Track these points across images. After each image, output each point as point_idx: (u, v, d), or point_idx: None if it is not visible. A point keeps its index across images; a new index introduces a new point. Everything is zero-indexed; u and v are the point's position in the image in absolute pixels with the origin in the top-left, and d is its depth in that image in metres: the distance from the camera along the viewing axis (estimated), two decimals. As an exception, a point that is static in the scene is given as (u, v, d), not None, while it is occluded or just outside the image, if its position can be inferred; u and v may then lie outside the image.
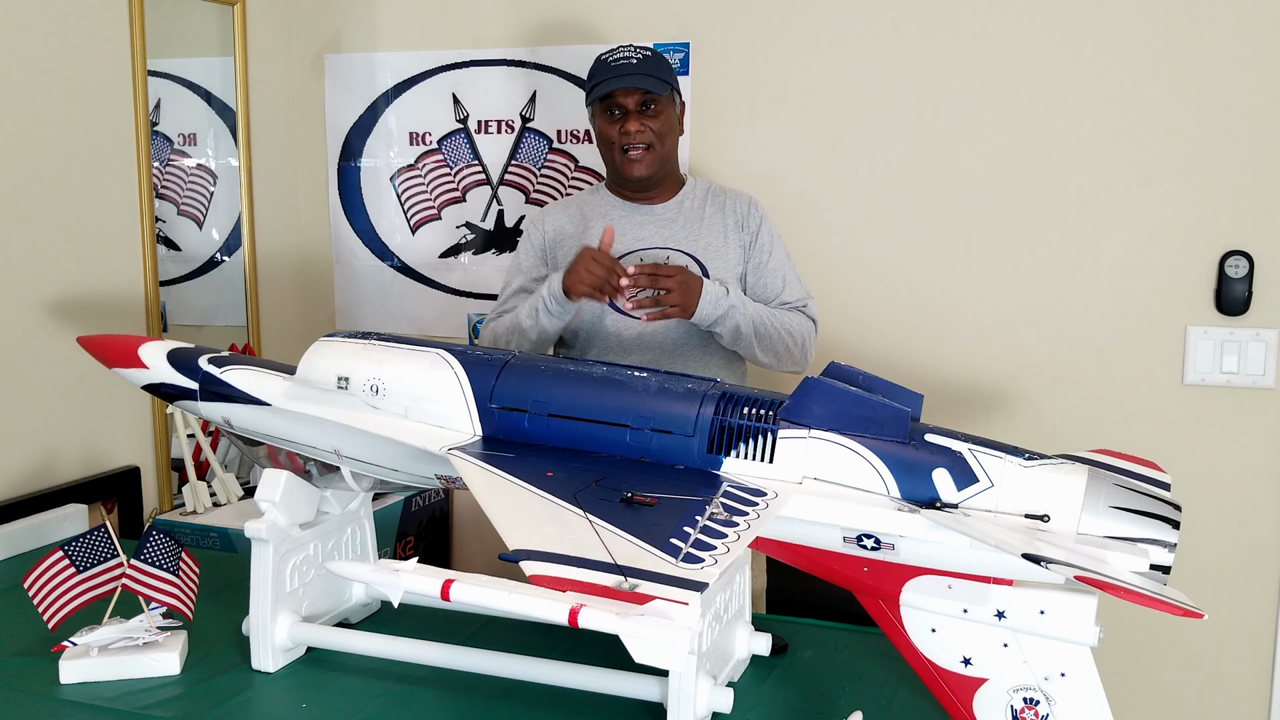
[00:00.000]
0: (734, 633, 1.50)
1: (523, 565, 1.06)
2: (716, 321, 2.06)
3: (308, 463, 1.58)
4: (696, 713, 1.32)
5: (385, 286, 3.14)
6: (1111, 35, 2.47)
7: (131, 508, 2.50)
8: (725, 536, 1.14)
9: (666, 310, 2.02)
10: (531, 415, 1.39)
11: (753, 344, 2.11)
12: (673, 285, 2.00)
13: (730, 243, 2.22)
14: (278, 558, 1.54)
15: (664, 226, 2.22)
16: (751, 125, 2.75)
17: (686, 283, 2.02)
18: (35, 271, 2.31)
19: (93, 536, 1.58)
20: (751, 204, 2.27)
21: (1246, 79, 2.39)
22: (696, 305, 2.02)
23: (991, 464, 1.25)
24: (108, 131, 2.47)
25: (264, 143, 2.97)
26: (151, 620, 1.56)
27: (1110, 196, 2.51)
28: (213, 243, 2.86)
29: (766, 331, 2.11)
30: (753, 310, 2.10)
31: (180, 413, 2.33)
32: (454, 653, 1.51)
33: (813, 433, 1.30)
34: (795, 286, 2.25)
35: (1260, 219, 2.42)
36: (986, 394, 2.64)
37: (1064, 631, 1.22)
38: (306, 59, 3.11)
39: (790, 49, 2.70)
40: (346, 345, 1.51)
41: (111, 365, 1.67)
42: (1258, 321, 2.44)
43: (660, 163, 2.19)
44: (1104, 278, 2.53)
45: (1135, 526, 1.20)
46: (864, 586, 1.30)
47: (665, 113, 2.17)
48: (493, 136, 2.98)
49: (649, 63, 2.14)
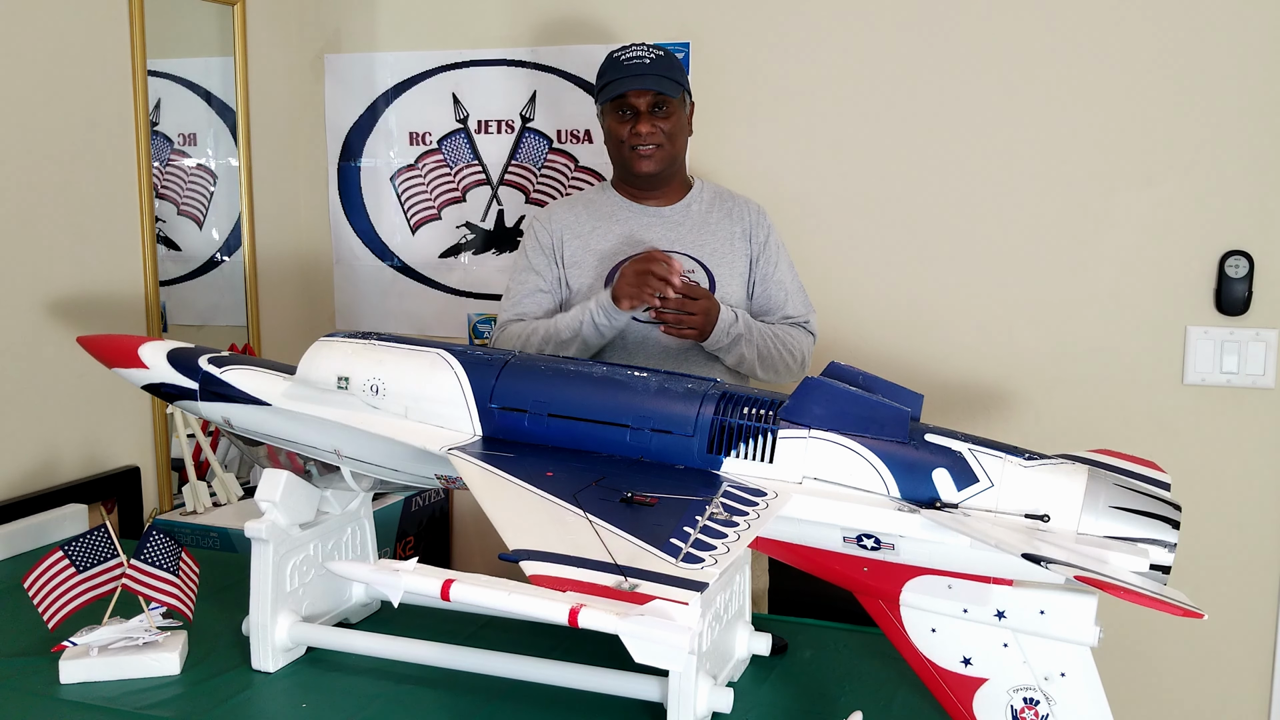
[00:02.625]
0: (734, 633, 1.50)
1: (523, 565, 1.06)
2: (723, 349, 2.10)
3: (308, 463, 1.58)
4: (696, 713, 1.32)
5: (385, 286, 3.14)
6: (1112, 35, 2.47)
7: (131, 508, 2.50)
8: (725, 536, 1.14)
9: (684, 332, 2.04)
10: (531, 415, 1.39)
11: (755, 365, 2.14)
12: (698, 309, 2.03)
13: (737, 250, 2.22)
14: (278, 558, 1.54)
15: (671, 229, 2.22)
16: (751, 125, 2.75)
17: (710, 310, 2.05)
18: (35, 271, 2.31)
19: (93, 536, 1.58)
20: (759, 213, 2.27)
21: (1247, 79, 2.39)
22: (712, 332, 2.06)
23: (991, 464, 1.25)
24: (108, 131, 2.47)
25: (264, 143, 2.97)
26: (151, 620, 1.56)
27: (1110, 196, 2.51)
28: (213, 243, 2.86)
29: (769, 353, 2.14)
30: (758, 335, 2.13)
31: (180, 413, 2.32)
32: (454, 653, 1.51)
33: (813, 433, 1.30)
34: (798, 301, 2.26)
35: (1260, 219, 2.42)
36: (986, 394, 2.63)
37: (1064, 631, 1.22)
38: (306, 59, 3.11)
39: (790, 49, 2.70)
40: (346, 345, 1.51)
41: (111, 365, 1.67)
42: (1258, 321, 2.44)
43: (669, 162, 2.19)
44: (1104, 278, 2.53)
45: (1135, 526, 1.20)
46: (864, 586, 1.30)
47: (677, 114, 2.17)
48: (493, 136, 2.98)
49: (662, 63, 2.14)
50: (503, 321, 2.23)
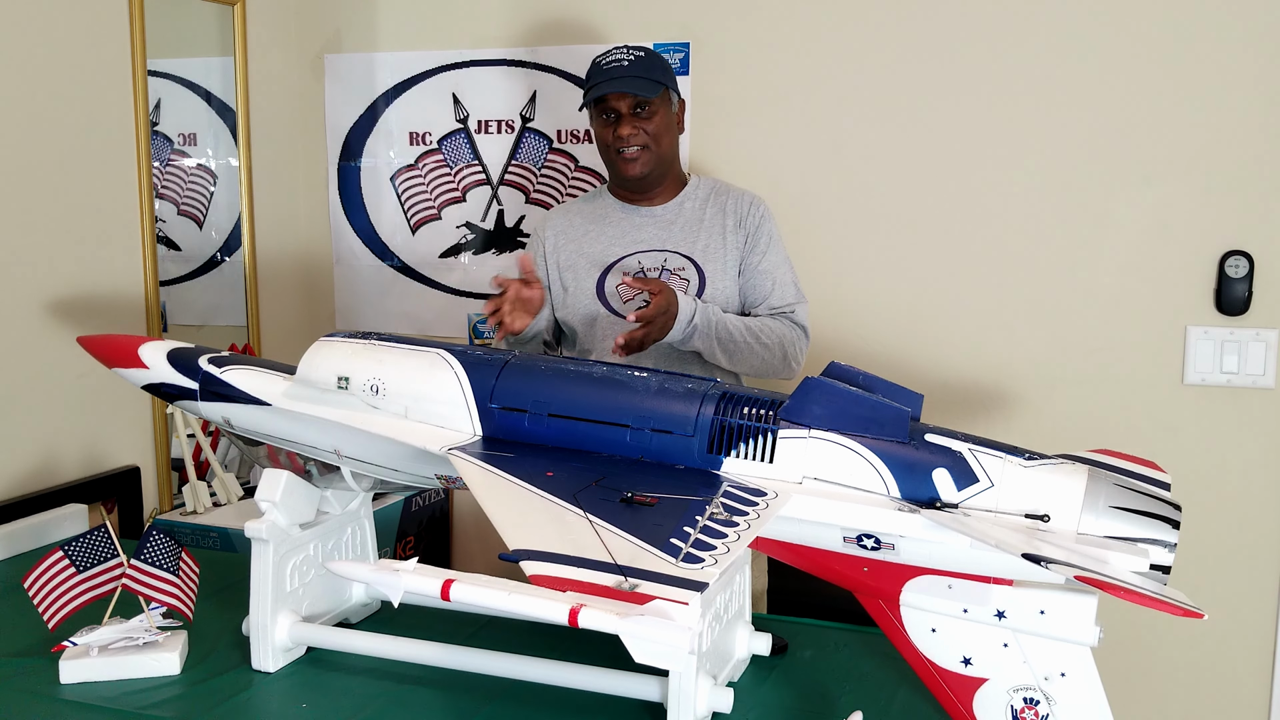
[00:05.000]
0: (734, 633, 1.50)
1: (523, 565, 1.06)
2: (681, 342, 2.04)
3: (308, 463, 1.58)
4: (696, 713, 1.32)
5: (385, 286, 3.14)
6: (1112, 35, 2.47)
7: (131, 508, 2.50)
8: (725, 536, 1.14)
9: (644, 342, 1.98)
10: (531, 415, 1.39)
11: (717, 357, 2.08)
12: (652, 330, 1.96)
13: (728, 244, 2.21)
14: (278, 558, 1.54)
15: (662, 229, 2.22)
16: (751, 125, 2.75)
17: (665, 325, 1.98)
18: (35, 271, 2.31)
19: (93, 536, 1.58)
20: (754, 203, 2.25)
21: (1246, 79, 2.39)
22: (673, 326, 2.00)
23: (991, 464, 1.25)
24: (108, 131, 2.47)
25: (264, 143, 2.97)
26: (151, 620, 1.56)
27: (1110, 196, 2.51)
28: (213, 243, 2.86)
29: (732, 344, 2.07)
30: (718, 327, 2.06)
31: (180, 413, 2.33)
32: (454, 653, 1.51)
33: (813, 433, 1.30)
34: (785, 290, 2.21)
35: (1260, 219, 2.42)
36: (986, 394, 2.63)
37: (1064, 631, 1.22)
38: (306, 59, 3.11)
39: (790, 49, 2.70)
40: (346, 345, 1.51)
41: (111, 365, 1.67)
42: (1258, 321, 2.44)
43: (657, 162, 2.18)
44: (1104, 277, 2.53)
45: (1135, 526, 1.20)
46: (864, 586, 1.30)
47: (660, 114, 2.16)
48: (493, 136, 2.98)
49: (640, 64, 2.13)
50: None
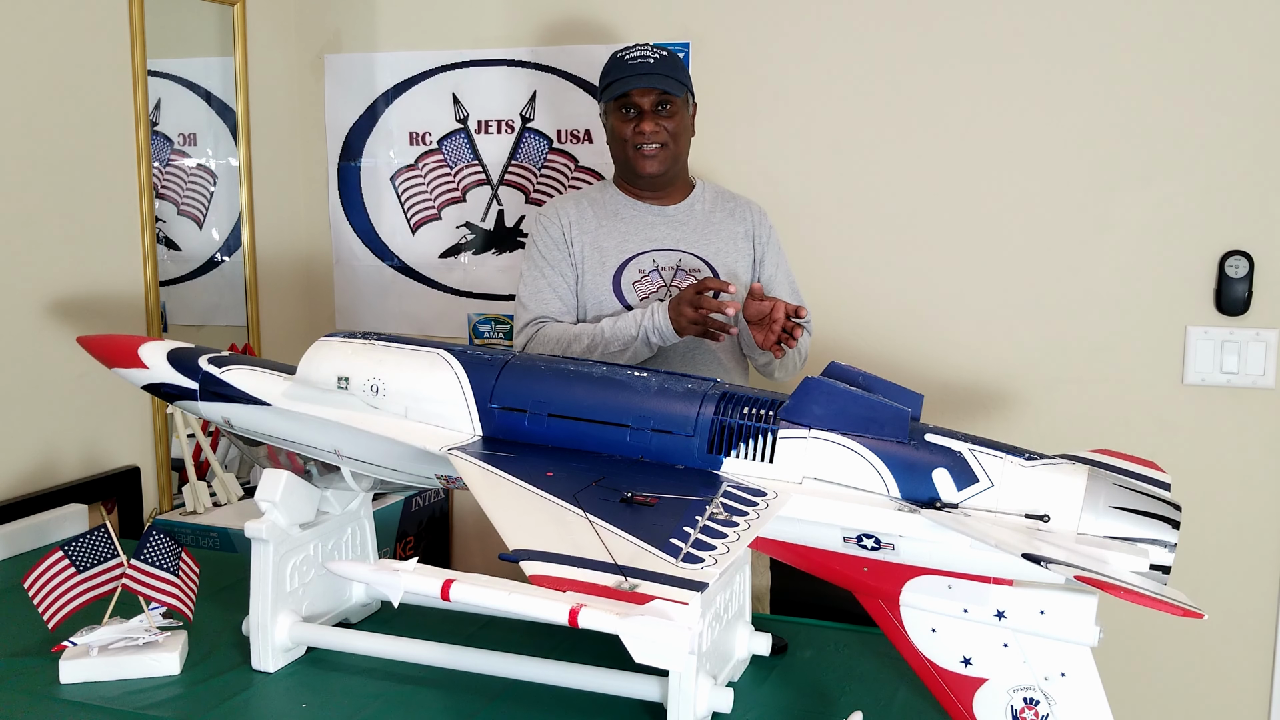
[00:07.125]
0: (734, 633, 1.50)
1: (523, 565, 1.06)
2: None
3: (308, 463, 1.58)
4: (696, 713, 1.32)
5: (385, 286, 3.14)
6: (1112, 35, 2.47)
7: (131, 508, 2.50)
8: (725, 536, 1.14)
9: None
10: (531, 415, 1.39)
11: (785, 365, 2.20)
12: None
13: (740, 251, 2.23)
14: (278, 558, 1.54)
15: (676, 228, 2.22)
16: (751, 125, 2.75)
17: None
18: (35, 271, 2.31)
19: (93, 536, 1.58)
20: (761, 215, 2.29)
21: (1246, 79, 2.39)
22: None
23: (991, 464, 1.25)
24: (108, 131, 2.47)
25: (264, 143, 2.97)
26: (151, 620, 1.56)
27: (1110, 196, 2.51)
28: (213, 243, 2.86)
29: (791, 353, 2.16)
30: None
31: (180, 413, 2.33)
32: (454, 653, 1.51)
33: (813, 433, 1.30)
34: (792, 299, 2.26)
35: (1260, 219, 2.42)
36: (986, 394, 2.63)
37: (1064, 631, 1.22)
38: (306, 59, 3.11)
39: (791, 49, 2.70)
40: (346, 345, 1.51)
41: (111, 365, 1.67)
42: (1258, 321, 2.44)
43: (673, 162, 2.19)
44: (1104, 277, 2.53)
45: (1135, 526, 1.20)
46: (864, 586, 1.30)
47: (680, 114, 2.17)
48: (493, 136, 2.98)
49: (666, 63, 2.14)
50: (528, 321, 2.18)
